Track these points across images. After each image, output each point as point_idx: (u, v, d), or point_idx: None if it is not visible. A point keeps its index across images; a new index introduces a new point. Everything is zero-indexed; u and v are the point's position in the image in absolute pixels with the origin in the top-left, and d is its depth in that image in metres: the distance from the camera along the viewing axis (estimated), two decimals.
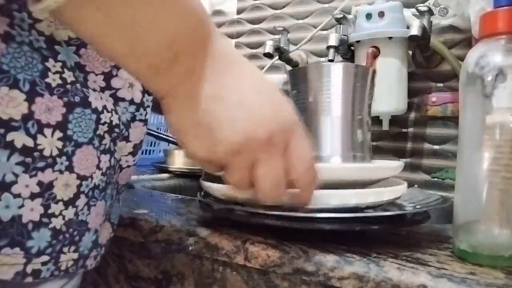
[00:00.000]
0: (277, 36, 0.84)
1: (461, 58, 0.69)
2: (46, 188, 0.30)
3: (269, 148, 0.29)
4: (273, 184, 0.31)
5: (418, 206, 0.40)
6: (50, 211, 0.30)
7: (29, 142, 0.28)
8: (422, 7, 0.66)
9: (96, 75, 0.32)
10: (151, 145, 0.95)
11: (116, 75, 0.34)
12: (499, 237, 0.31)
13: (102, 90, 0.33)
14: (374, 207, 0.39)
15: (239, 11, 0.97)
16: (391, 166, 0.41)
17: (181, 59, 0.27)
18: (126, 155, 0.37)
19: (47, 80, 0.29)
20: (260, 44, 0.90)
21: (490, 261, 0.31)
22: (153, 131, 0.83)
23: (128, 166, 0.38)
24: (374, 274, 0.30)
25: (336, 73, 0.42)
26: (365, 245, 0.35)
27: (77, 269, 0.33)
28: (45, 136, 0.29)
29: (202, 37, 0.28)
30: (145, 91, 0.37)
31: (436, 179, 0.72)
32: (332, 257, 0.33)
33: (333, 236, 0.36)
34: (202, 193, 0.45)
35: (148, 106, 0.37)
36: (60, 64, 0.30)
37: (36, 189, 0.29)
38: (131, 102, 0.36)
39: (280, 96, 0.31)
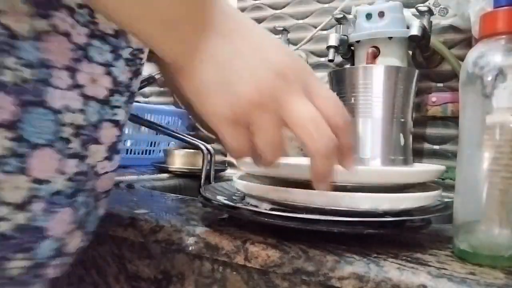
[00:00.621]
0: (277, 36, 0.84)
1: (461, 58, 0.69)
2: None
3: (293, 91, 0.28)
4: (316, 128, 0.28)
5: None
6: None
7: None
8: (422, 7, 0.66)
9: (59, 69, 0.29)
10: (151, 145, 0.95)
11: (78, 69, 0.31)
12: (499, 237, 0.31)
13: (69, 88, 0.30)
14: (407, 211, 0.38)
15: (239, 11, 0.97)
16: (428, 170, 0.40)
17: (194, 14, 0.27)
18: (102, 161, 0.34)
19: (1, 77, 0.27)
20: None
21: (490, 261, 0.31)
22: (161, 126, 0.82)
23: (106, 173, 0.35)
24: (374, 274, 0.30)
25: (377, 75, 0.42)
26: (365, 245, 0.35)
27: (31, 277, 0.31)
28: None
29: None
30: (113, 91, 0.33)
31: (436, 179, 0.72)
32: (332, 257, 0.33)
33: (333, 236, 0.36)
34: (203, 189, 0.45)
35: (118, 107, 0.34)
36: (19, 61, 0.28)
37: None
38: (97, 100, 0.32)
39: (290, 49, 0.31)
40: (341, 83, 0.44)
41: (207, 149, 0.53)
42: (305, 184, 0.37)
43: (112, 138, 0.35)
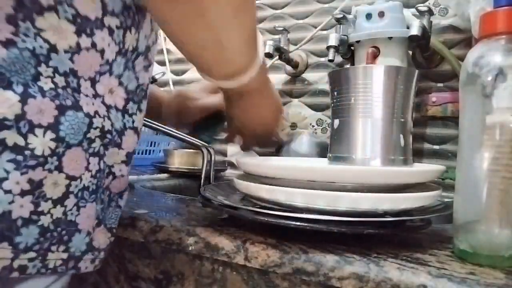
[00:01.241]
0: (277, 36, 0.84)
1: (461, 58, 0.69)
2: (36, 186, 0.30)
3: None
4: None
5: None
6: (39, 209, 0.31)
7: (20, 141, 0.30)
8: (422, 7, 0.66)
9: (85, 80, 0.34)
10: (151, 145, 0.95)
11: (98, 81, 0.35)
12: (499, 237, 0.31)
13: (94, 96, 0.34)
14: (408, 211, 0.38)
15: None
16: (428, 170, 0.40)
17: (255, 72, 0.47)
18: (119, 163, 0.38)
19: (39, 83, 0.31)
20: None
21: (490, 261, 0.31)
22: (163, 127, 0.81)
23: (122, 176, 0.38)
24: (374, 274, 0.30)
25: (377, 75, 0.41)
26: (365, 245, 0.35)
27: (67, 269, 0.34)
28: (36, 136, 0.30)
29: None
30: (127, 99, 0.37)
31: (436, 179, 0.72)
32: (332, 257, 0.33)
33: (333, 236, 0.36)
34: (203, 189, 0.45)
35: (133, 114, 0.38)
36: (51, 69, 0.31)
37: (27, 187, 0.30)
38: (117, 108, 0.36)
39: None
40: (341, 83, 0.43)
41: (207, 149, 0.53)
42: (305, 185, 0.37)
43: (133, 145, 0.39)
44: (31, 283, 0.33)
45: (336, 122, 0.44)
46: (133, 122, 0.38)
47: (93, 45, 0.33)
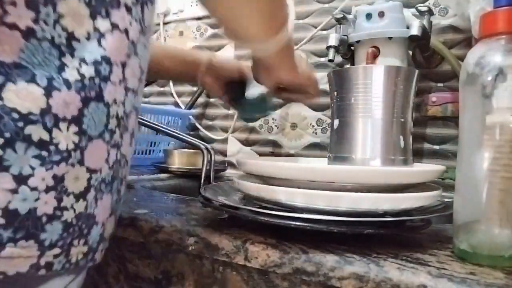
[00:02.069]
0: None
1: (461, 58, 0.69)
2: (59, 181, 0.30)
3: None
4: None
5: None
6: (62, 204, 0.31)
7: (45, 136, 0.29)
8: (422, 7, 0.66)
9: (117, 66, 0.33)
10: (151, 145, 0.95)
11: (128, 65, 0.34)
12: (499, 237, 0.31)
13: (120, 82, 0.33)
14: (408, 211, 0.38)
15: None
16: (428, 170, 0.40)
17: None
18: (128, 148, 0.37)
19: (64, 75, 0.29)
20: None
21: (490, 261, 0.31)
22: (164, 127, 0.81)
23: (129, 159, 0.38)
24: (374, 274, 0.30)
25: (377, 75, 0.41)
26: (365, 245, 0.35)
27: (87, 262, 0.34)
28: (61, 130, 0.30)
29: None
30: (141, 79, 0.37)
31: (436, 179, 0.72)
32: (332, 257, 0.33)
33: (333, 236, 0.36)
34: (203, 189, 0.45)
35: (139, 94, 0.37)
36: (77, 60, 0.30)
37: (51, 182, 0.30)
38: (133, 91, 0.36)
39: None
40: (341, 83, 0.43)
41: (207, 149, 0.53)
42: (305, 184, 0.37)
43: (135, 124, 0.38)
44: (50, 284, 0.33)
45: (336, 122, 0.44)
46: (138, 102, 0.37)
47: (115, 26, 0.32)
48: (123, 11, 0.32)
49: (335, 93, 0.44)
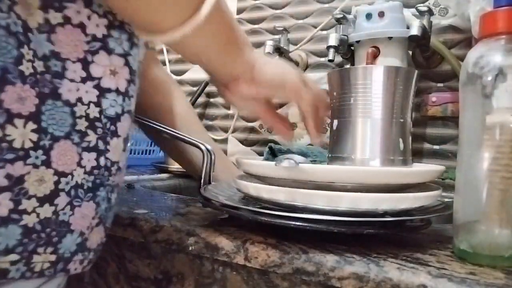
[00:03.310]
0: (277, 36, 0.84)
1: (461, 58, 0.69)
2: (15, 182, 0.28)
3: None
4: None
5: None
6: (21, 207, 0.28)
7: None
8: (422, 7, 0.66)
9: (73, 62, 0.30)
10: (151, 145, 0.95)
11: (93, 61, 0.31)
12: (499, 237, 0.31)
13: (83, 80, 0.31)
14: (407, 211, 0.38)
15: (239, 11, 0.97)
16: (428, 170, 0.40)
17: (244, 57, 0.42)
18: (121, 154, 0.35)
19: (20, 67, 0.27)
20: (260, 44, 0.89)
21: (490, 261, 0.31)
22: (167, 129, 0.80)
23: (124, 166, 0.36)
24: (374, 274, 0.30)
25: (376, 75, 0.41)
26: (365, 245, 0.35)
27: (55, 272, 0.31)
28: (16, 127, 0.27)
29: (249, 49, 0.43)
30: (129, 81, 0.34)
31: (436, 179, 0.72)
32: (332, 257, 0.33)
33: (333, 236, 0.36)
34: (203, 189, 0.45)
35: (132, 96, 0.35)
36: (32, 52, 0.28)
37: (4, 182, 0.27)
38: (118, 92, 0.33)
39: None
40: (340, 83, 0.43)
41: (207, 149, 0.53)
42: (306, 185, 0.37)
43: (128, 130, 0.35)
44: (19, 284, 0.30)
45: (336, 122, 0.44)
46: (130, 104, 0.35)
47: (66, 19, 0.29)
48: (80, 4, 0.30)
49: (335, 93, 0.44)
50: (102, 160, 0.33)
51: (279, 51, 0.81)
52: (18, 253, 0.29)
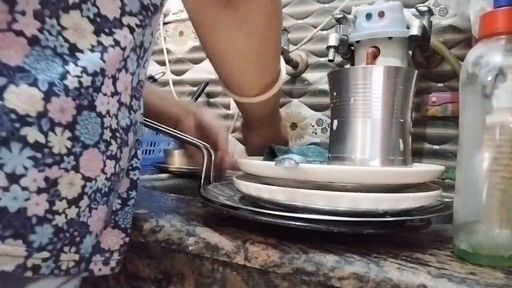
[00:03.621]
0: None
1: (461, 58, 0.69)
2: (51, 184, 0.30)
3: None
4: None
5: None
6: (54, 208, 0.31)
7: (41, 138, 0.30)
8: (422, 7, 0.66)
9: (108, 78, 0.34)
10: (151, 145, 0.95)
11: (118, 78, 0.35)
12: (499, 237, 0.31)
13: (112, 95, 0.34)
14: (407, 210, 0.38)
15: None
16: (428, 170, 0.40)
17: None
18: (127, 162, 0.38)
19: (65, 82, 0.31)
20: None
21: (490, 261, 0.31)
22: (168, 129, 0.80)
23: (129, 175, 0.39)
24: (374, 274, 0.30)
25: (376, 75, 0.41)
26: (365, 245, 0.35)
27: (79, 271, 0.34)
28: (56, 134, 0.30)
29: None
30: (132, 95, 0.38)
31: (436, 179, 0.72)
32: (332, 257, 0.33)
33: (333, 236, 0.36)
34: (203, 189, 0.45)
35: (136, 110, 0.39)
36: (80, 69, 0.32)
37: (43, 184, 0.30)
38: (125, 105, 0.37)
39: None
40: (340, 83, 0.43)
41: (207, 149, 0.53)
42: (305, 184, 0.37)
43: (134, 140, 0.39)
44: (42, 283, 0.33)
45: (336, 122, 0.44)
46: (135, 118, 0.38)
47: (117, 42, 0.34)
48: (126, 31, 0.35)
49: (335, 93, 0.44)
50: (117, 168, 0.36)
51: None
52: (49, 250, 0.31)
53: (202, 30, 0.43)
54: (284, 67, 0.55)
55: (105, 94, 0.34)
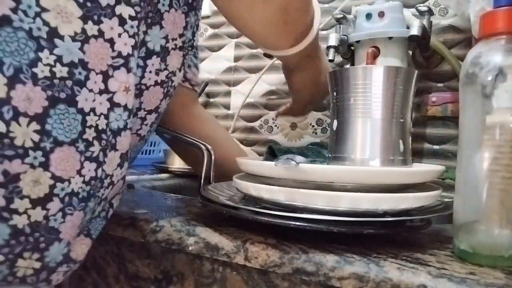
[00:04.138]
0: None
1: (461, 58, 0.69)
2: (11, 180, 0.27)
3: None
4: None
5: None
6: (12, 206, 0.28)
7: (1, 127, 0.27)
8: (422, 7, 0.66)
9: (96, 74, 0.31)
10: (151, 145, 0.95)
11: (112, 76, 0.32)
12: (499, 237, 0.31)
13: (101, 92, 0.32)
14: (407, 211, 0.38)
15: None
16: (428, 170, 0.40)
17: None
18: (115, 168, 0.35)
19: (34, 69, 0.28)
20: None
21: (490, 261, 0.31)
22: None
23: (118, 181, 0.36)
24: (374, 274, 0.30)
25: (376, 75, 0.41)
26: (365, 245, 0.35)
27: (37, 281, 0.30)
28: (20, 125, 0.28)
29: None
30: (140, 100, 0.35)
31: (436, 179, 0.72)
32: (332, 257, 0.33)
33: (333, 236, 0.36)
34: (203, 189, 0.45)
35: (135, 115, 0.36)
36: (54, 57, 0.29)
37: (0, 178, 0.27)
38: (125, 108, 0.34)
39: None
40: (340, 83, 0.43)
41: (207, 149, 0.53)
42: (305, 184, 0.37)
43: (127, 146, 0.35)
44: None
45: (335, 122, 0.44)
46: (133, 123, 0.36)
47: (101, 33, 0.31)
48: (115, 21, 0.32)
49: (334, 93, 0.44)
50: (99, 172, 0.33)
51: None
52: (4, 254, 0.28)
53: (222, 2, 0.41)
54: (318, 7, 0.52)
55: (90, 90, 0.31)
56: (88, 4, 0.30)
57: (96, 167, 0.32)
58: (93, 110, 0.31)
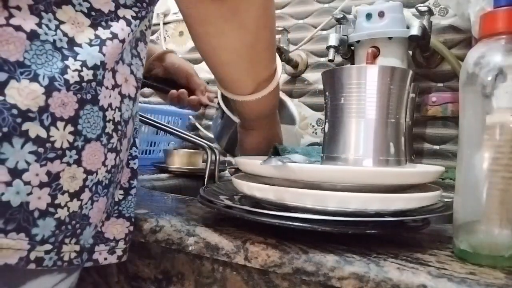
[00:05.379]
0: (277, 36, 0.84)
1: (461, 58, 0.69)
2: (53, 178, 0.31)
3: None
4: None
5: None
6: (56, 202, 0.31)
7: (43, 133, 0.30)
8: (422, 7, 0.66)
9: (108, 71, 0.34)
10: (151, 145, 0.95)
11: (117, 71, 0.35)
12: (499, 237, 0.31)
13: (113, 87, 0.35)
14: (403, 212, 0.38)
15: None
16: (426, 171, 0.40)
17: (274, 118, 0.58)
18: (125, 153, 0.38)
19: (65, 76, 0.31)
20: None
21: (490, 261, 0.31)
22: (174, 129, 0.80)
23: (128, 165, 0.40)
24: (374, 274, 0.30)
25: (371, 76, 0.41)
26: (365, 245, 0.35)
27: (82, 262, 0.34)
28: (58, 129, 0.31)
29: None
30: (138, 87, 0.38)
31: (431, 180, 0.72)
32: (332, 257, 0.33)
33: (333, 236, 0.36)
34: (203, 189, 0.45)
35: (139, 102, 0.39)
36: (79, 63, 0.32)
37: (45, 179, 0.31)
38: (129, 97, 0.37)
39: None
40: (333, 83, 0.43)
41: (211, 148, 0.53)
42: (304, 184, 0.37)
43: (132, 132, 0.39)
44: (40, 280, 0.33)
45: (329, 122, 0.44)
46: (136, 109, 0.39)
47: (114, 35, 0.34)
48: (123, 23, 0.35)
49: (327, 92, 0.44)
50: (117, 160, 0.36)
51: (279, 51, 0.81)
52: (51, 243, 0.32)
53: (193, 24, 0.41)
54: (280, 66, 0.52)
55: (106, 88, 0.34)
56: (93, 13, 0.33)
57: (115, 156, 0.36)
58: (110, 105, 0.34)
